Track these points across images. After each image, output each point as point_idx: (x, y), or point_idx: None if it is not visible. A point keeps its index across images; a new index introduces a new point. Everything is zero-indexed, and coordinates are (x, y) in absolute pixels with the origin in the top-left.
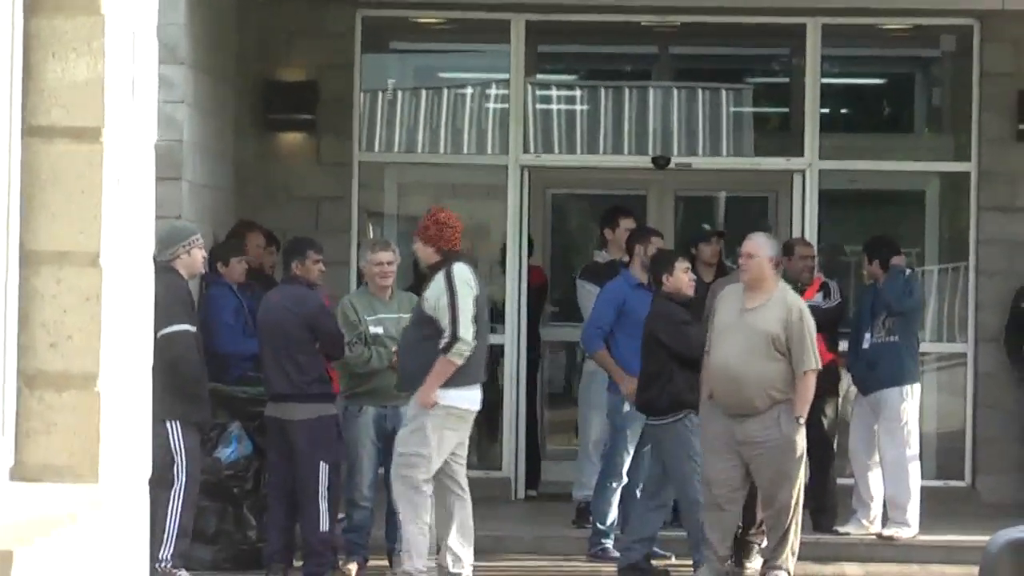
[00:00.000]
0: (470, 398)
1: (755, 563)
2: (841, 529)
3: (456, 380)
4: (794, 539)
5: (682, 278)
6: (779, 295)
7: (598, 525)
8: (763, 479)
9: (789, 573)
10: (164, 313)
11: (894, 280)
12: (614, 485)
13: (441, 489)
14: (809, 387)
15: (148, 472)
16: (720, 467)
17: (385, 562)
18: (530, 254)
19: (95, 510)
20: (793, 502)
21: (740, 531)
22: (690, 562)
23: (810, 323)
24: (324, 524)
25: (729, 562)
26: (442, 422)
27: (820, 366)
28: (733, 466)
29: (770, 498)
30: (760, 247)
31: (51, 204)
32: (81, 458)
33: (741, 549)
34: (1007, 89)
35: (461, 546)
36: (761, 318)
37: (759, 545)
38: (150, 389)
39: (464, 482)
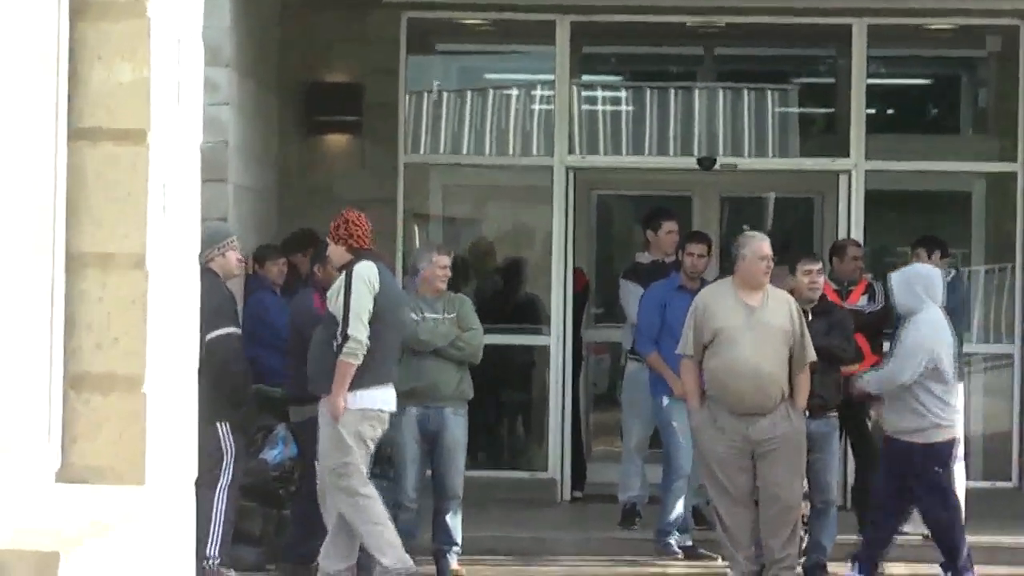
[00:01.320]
0: (382, 398)
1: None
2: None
3: (365, 380)
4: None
5: (801, 281)
6: (773, 292)
7: (663, 521)
8: (775, 476)
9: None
10: (208, 317)
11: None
12: (678, 483)
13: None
14: (808, 380)
15: (194, 474)
16: (739, 468)
17: (432, 568)
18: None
19: (141, 512)
20: (800, 498)
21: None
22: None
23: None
24: None
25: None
26: (357, 426)
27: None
28: (747, 467)
29: (776, 496)
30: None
31: (96, 207)
32: (127, 460)
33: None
34: None
35: (334, 547)
36: (771, 315)
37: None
38: (196, 391)
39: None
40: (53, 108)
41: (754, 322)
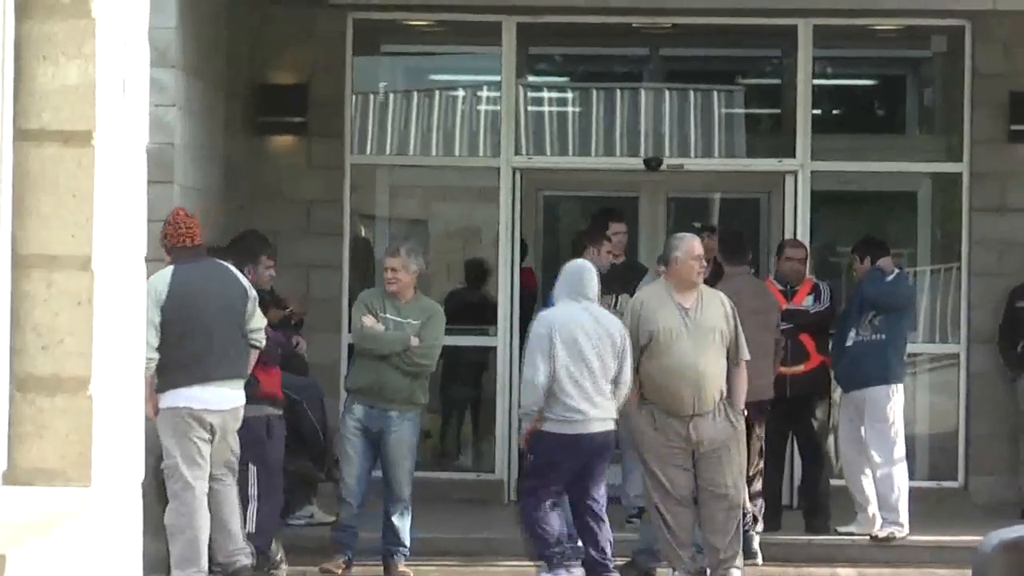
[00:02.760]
0: (192, 395)
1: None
2: (842, 529)
3: (174, 381)
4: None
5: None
6: (706, 291)
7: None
8: (718, 476)
9: (742, 572)
10: None
11: (872, 278)
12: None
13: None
14: (745, 378)
15: (141, 475)
16: (681, 469)
17: (380, 566)
18: (523, 257)
19: (87, 513)
20: (741, 498)
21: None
22: None
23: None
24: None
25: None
26: (171, 427)
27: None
28: (688, 467)
29: (722, 496)
30: (704, 247)
31: (42, 208)
32: (73, 462)
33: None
34: (998, 89)
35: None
36: (707, 315)
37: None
38: (142, 393)
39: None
40: None
41: (690, 323)
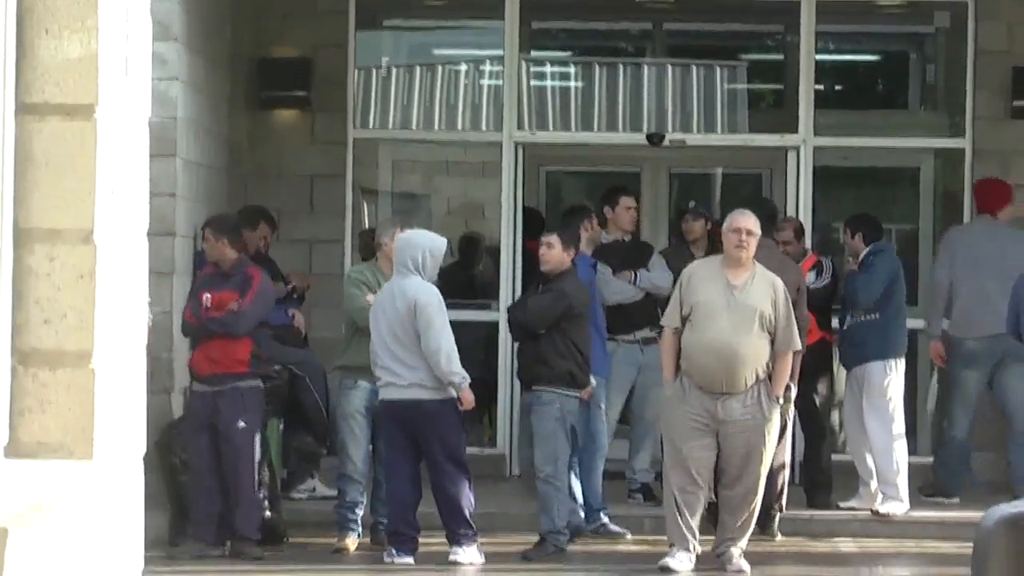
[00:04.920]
0: None
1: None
2: (843, 504)
3: None
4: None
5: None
6: (760, 272)
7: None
8: (736, 457)
9: (743, 552)
10: None
11: (852, 276)
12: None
13: None
14: (788, 367)
15: (143, 449)
16: (699, 447)
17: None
18: (540, 232)
19: (89, 487)
20: (762, 482)
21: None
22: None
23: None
24: None
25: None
26: None
27: (803, 349)
28: (710, 445)
29: (737, 478)
30: (756, 224)
31: (44, 182)
32: (76, 435)
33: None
34: (1001, 66)
35: None
36: (752, 296)
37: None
38: (144, 366)
39: None
40: (0, 82)
41: (732, 302)
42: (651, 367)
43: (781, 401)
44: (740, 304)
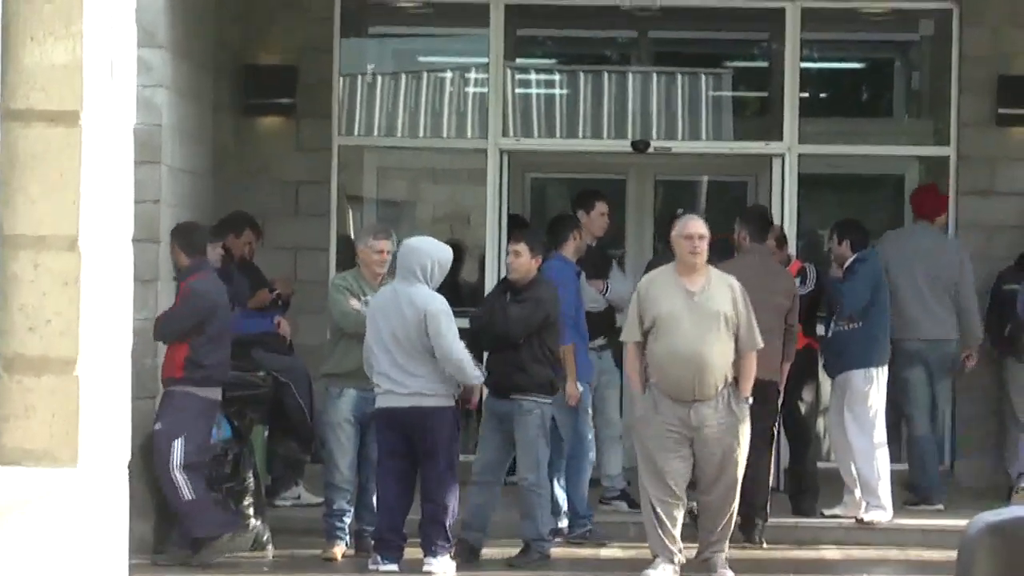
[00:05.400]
0: None
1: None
2: (828, 512)
3: None
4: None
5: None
6: (715, 275)
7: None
8: (713, 462)
9: (725, 555)
10: None
11: (836, 283)
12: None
13: None
14: (754, 366)
15: (127, 456)
16: (675, 458)
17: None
18: None
19: (74, 493)
20: (739, 482)
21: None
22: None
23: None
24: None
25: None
26: None
27: (792, 357)
28: (686, 455)
29: (715, 482)
30: (706, 228)
31: (29, 188)
32: (60, 442)
33: (745, 529)
34: (986, 73)
35: None
36: (712, 299)
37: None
38: (129, 373)
39: None
40: None
41: (693, 307)
42: (606, 371)
43: (750, 401)
44: (701, 309)
